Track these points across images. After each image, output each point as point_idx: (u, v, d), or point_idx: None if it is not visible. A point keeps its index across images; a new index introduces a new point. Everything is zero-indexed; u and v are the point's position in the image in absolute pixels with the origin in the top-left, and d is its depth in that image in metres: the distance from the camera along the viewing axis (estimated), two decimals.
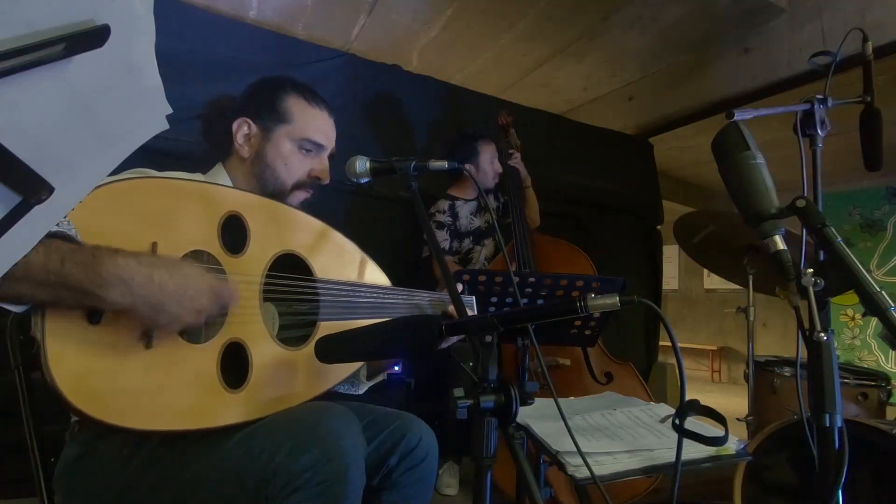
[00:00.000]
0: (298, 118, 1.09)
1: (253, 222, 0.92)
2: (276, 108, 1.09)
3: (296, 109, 1.10)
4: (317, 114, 1.12)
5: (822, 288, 0.67)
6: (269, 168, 1.08)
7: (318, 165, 1.12)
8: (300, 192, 1.11)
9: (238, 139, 1.08)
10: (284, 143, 1.08)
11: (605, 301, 0.61)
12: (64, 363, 0.68)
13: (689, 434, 0.62)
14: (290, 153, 1.09)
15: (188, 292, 0.73)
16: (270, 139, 1.08)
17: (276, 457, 0.76)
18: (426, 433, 1.04)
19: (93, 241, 0.70)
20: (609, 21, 2.59)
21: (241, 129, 1.08)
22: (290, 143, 1.09)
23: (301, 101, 1.10)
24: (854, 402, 1.85)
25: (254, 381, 0.86)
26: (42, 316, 0.67)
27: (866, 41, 1.20)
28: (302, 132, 1.09)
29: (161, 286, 0.71)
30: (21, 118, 0.35)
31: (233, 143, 1.08)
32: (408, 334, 0.74)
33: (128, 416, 0.73)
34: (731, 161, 0.77)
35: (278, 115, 1.09)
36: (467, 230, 2.37)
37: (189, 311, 0.74)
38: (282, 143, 1.08)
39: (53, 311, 0.68)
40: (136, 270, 0.69)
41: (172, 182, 0.87)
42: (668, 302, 7.18)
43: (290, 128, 1.09)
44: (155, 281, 0.70)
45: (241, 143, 1.08)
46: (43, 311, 0.67)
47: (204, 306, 0.76)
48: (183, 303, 0.73)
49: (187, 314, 0.74)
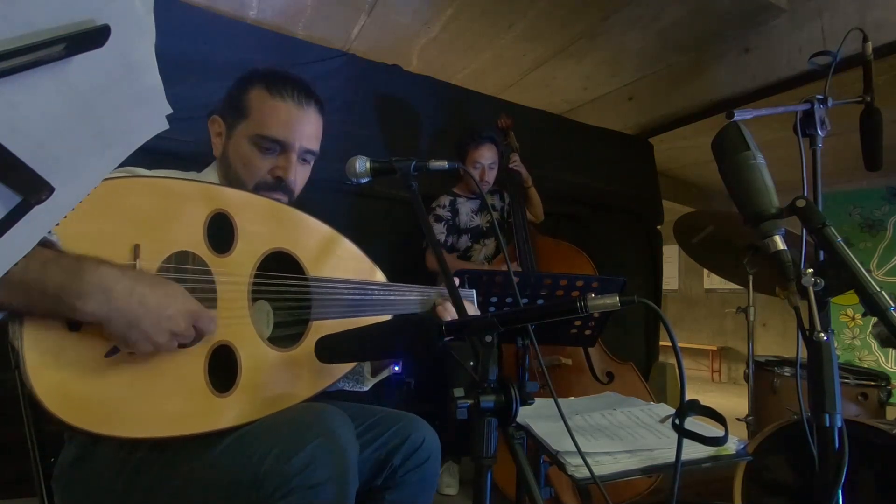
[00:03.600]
0: (255, 112, 0.99)
1: (241, 220, 0.89)
2: (237, 103, 1.01)
3: (255, 103, 1.00)
4: (277, 106, 0.99)
5: (822, 288, 0.67)
6: (230, 168, 1.01)
7: (281, 162, 1.01)
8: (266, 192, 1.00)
9: (212, 137, 1.05)
10: (242, 141, 1.00)
11: (605, 301, 0.61)
12: (44, 373, 0.66)
13: (689, 434, 0.62)
14: (247, 151, 0.99)
15: (167, 311, 0.71)
16: (231, 136, 1.02)
17: (268, 459, 0.74)
18: (429, 434, 1.03)
19: (76, 243, 0.68)
20: (609, 21, 2.59)
21: (212, 126, 1.05)
22: (245, 141, 1.00)
23: (262, 93, 0.99)
24: (854, 402, 1.85)
25: (243, 383, 0.84)
26: (20, 323, 0.65)
27: (866, 41, 1.20)
28: (257, 128, 0.99)
29: (141, 301, 0.69)
30: (21, 118, 0.35)
31: None
32: (407, 334, 0.74)
33: (114, 424, 0.71)
34: (731, 161, 0.77)
35: (238, 110, 1.00)
36: (466, 227, 2.38)
37: (163, 331, 0.71)
38: (240, 141, 1.00)
39: (31, 317, 0.66)
40: (117, 281, 0.67)
41: (158, 181, 0.84)
42: (668, 302, 7.18)
43: (246, 124, 1.00)
44: (135, 294, 0.68)
45: (215, 142, 1.05)
46: (21, 319, 0.65)
47: (180, 329, 0.72)
48: (160, 322, 0.70)
49: (160, 335, 0.71)
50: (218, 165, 1.06)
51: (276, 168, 1.01)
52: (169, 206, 0.82)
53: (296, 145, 1.02)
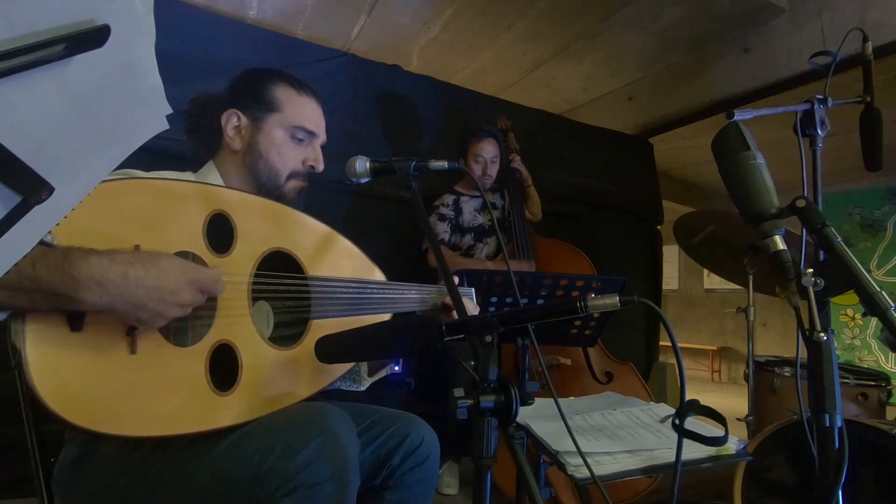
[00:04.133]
0: (288, 106, 1.07)
1: (240, 220, 0.90)
2: (264, 98, 1.07)
3: (285, 98, 1.08)
4: (306, 102, 1.10)
5: (822, 288, 0.67)
6: (262, 158, 1.05)
7: (311, 154, 1.10)
8: (295, 181, 1.09)
9: (228, 132, 1.06)
10: (276, 131, 1.06)
11: (605, 301, 0.61)
12: (46, 372, 0.67)
13: (689, 434, 0.62)
14: (282, 142, 1.07)
15: (167, 286, 0.71)
16: (261, 129, 1.06)
17: (269, 458, 0.75)
18: (428, 434, 1.04)
19: (77, 243, 0.68)
20: (609, 21, 2.59)
21: (230, 121, 1.06)
22: (282, 132, 1.07)
23: (289, 90, 1.09)
24: (854, 402, 1.85)
25: (244, 382, 0.84)
26: (22, 322, 0.66)
27: (866, 41, 1.20)
28: (293, 120, 1.07)
29: (138, 283, 0.69)
30: (21, 118, 0.35)
31: (222, 136, 1.06)
32: (407, 334, 0.74)
33: (115, 423, 0.71)
34: (731, 161, 0.77)
35: (267, 104, 1.06)
36: (469, 226, 2.38)
37: (171, 305, 0.72)
38: (274, 132, 1.06)
39: (34, 317, 0.66)
40: (108, 269, 0.67)
41: (157, 182, 0.85)
42: (668, 302, 7.18)
43: (280, 116, 1.07)
44: (130, 278, 0.68)
45: (232, 136, 1.06)
46: (23, 318, 0.66)
47: (186, 299, 0.73)
48: (164, 297, 0.71)
49: (170, 308, 0.72)
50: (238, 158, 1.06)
51: (307, 158, 1.10)
52: (168, 207, 0.83)
53: (320, 136, 1.13)
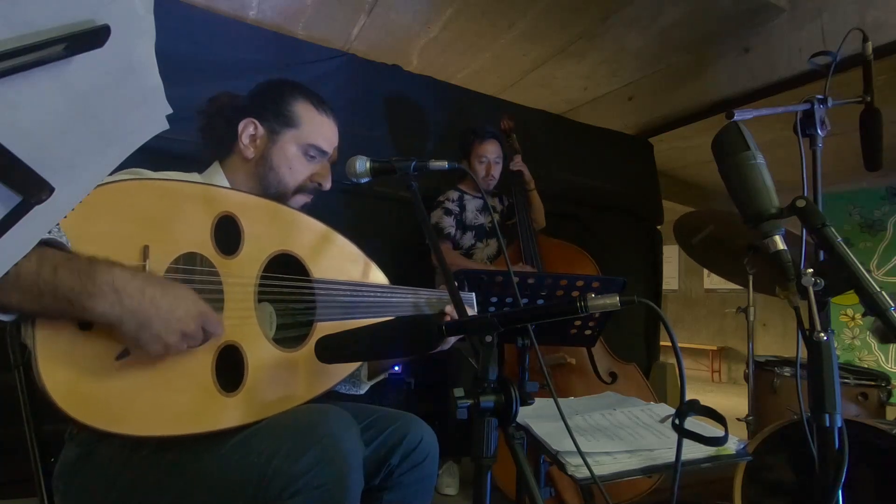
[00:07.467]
0: (306, 124, 1.09)
1: (247, 223, 0.91)
2: (283, 112, 1.08)
3: (304, 115, 1.10)
4: (324, 121, 1.12)
5: (822, 288, 0.67)
6: (272, 171, 1.07)
7: (320, 171, 1.12)
8: (301, 196, 1.11)
9: (243, 139, 1.07)
10: (290, 147, 1.08)
11: (605, 301, 0.61)
12: (55, 370, 0.67)
13: (689, 434, 0.62)
14: (294, 157, 1.08)
15: (177, 313, 0.73)
16: (276, 142, 1.08)
17: (274, 459, 0.75)
18: (427, 433, 1.04)
19: (86, 244, 0.69)
20: (609, 21, 2.59)
21: (247, 129, 1.07)
22: (295, 148, 1.08)
23: (310, 108, 1.11)
24: (854, 402, 1.85)
25: (250, 383, 0.85)
26: (32, 323, 0.67)
27: (866, 41, 1.20)
28: (308, 138, 1.09)
29: (152, 301, 0.70)
30: (21, 118, 0.35)
31: (237, 142, 1.07)
32: (408, 334, 0.74)
33: (122, 422, 0.72)
34: (731, 161, 0.77)
35: (286, 118, 1.08)
36: (472, 224, 2.39)
37: (173, 332, 0.73)
38: (288, 147, 1.08)
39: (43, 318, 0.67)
40: (129, 282, 0.69)
41: (166, 183, 0.86)
42: (668, 302, 7.18)
43: (296, 133, 1.09)
44: (146, 295, 0.70)
45: (247, 144, 1.07)
46: (33, 319, 0.67)
47: (190, 330, 0.74)
48: (170, 322, 0.72)
49: (171, 335, 0.73)
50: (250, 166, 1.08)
51: (315, 175, 1.12)
52: (177, 208, 0.84)
53: (332, 156, 1.15)
